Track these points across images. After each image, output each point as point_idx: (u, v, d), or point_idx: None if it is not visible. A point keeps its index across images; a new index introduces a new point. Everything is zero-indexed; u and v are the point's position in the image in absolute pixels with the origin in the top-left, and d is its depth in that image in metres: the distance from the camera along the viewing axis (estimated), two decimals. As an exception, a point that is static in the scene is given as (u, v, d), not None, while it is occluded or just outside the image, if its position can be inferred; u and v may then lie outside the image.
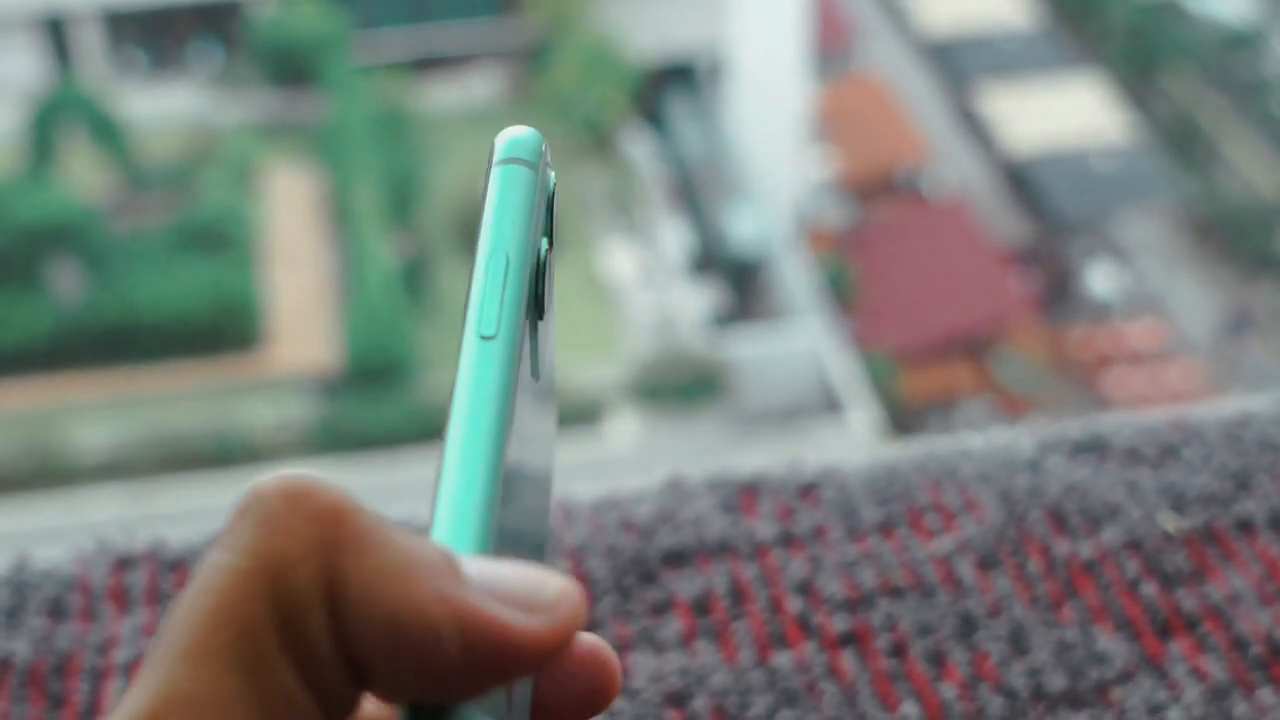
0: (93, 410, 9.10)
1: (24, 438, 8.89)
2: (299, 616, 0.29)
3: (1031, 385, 10.46)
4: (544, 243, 0.36)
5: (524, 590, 0.31)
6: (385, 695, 0.30)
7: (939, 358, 10.51)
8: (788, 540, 0.78)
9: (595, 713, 0.35)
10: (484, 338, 0.33)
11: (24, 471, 8.69)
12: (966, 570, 0.76)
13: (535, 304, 0.35)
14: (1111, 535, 0.77)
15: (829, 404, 9.44)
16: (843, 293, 10.70)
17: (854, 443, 8.73)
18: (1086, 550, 0.77)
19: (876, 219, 11.69)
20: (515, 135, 0.37)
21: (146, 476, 8.63)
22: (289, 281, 9.87)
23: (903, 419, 9.82)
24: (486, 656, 0.30)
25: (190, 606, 0.29)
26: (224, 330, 9.40)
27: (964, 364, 10.54)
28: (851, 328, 10.33)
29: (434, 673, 0.30)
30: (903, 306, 10.70)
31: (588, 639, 0.35)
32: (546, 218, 0.36)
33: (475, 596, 0.30)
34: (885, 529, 0.78)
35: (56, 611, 0.76)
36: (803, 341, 9.64)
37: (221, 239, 9.80)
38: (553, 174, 0.37)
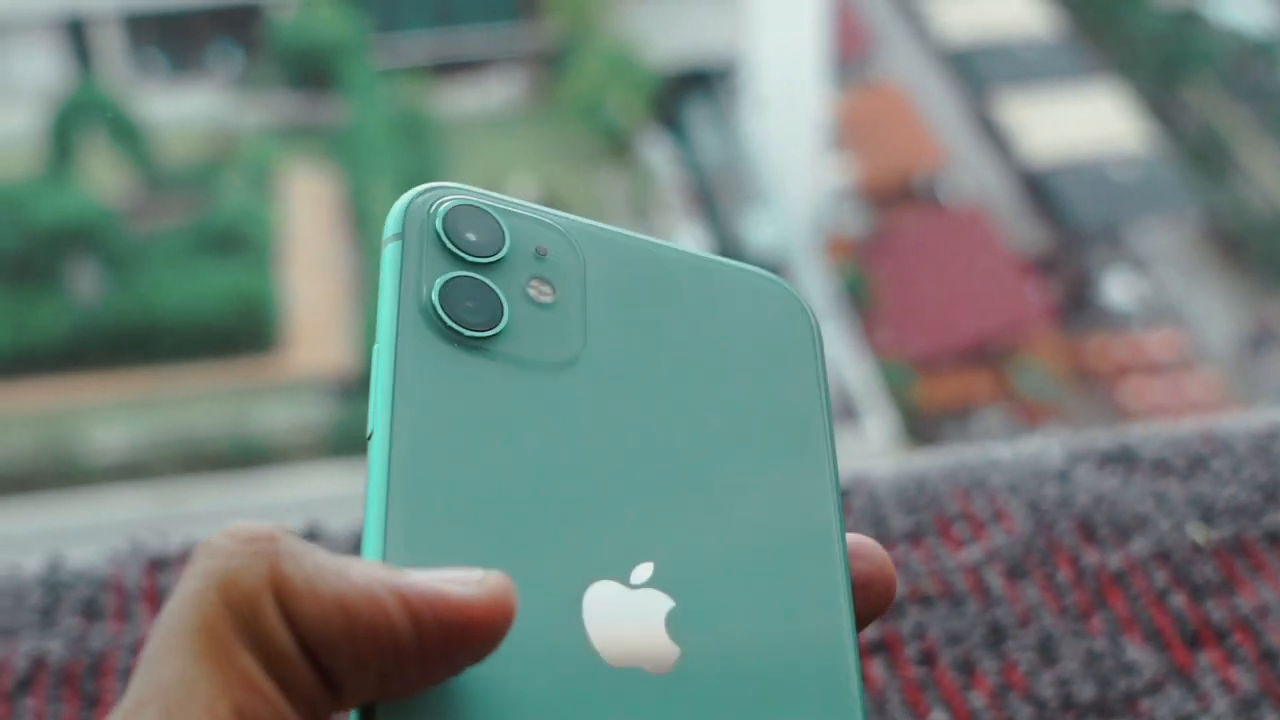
0: (110, 411, 9.12)
1: (41, 438, 8.91)
2: (251, 611, 0.33)
3: (1049, 394, 10.44)
4: (436, 283, 0.38)
5: (453, 573, 0.34)
6: (351, 696, 0.33)
7: (956, 366, 10.49)
8: (817, 548, 0.78)
9: (882, 609, 0.39)
10: (367, 438, 0.38)
11: (40, 471, 8.71)
12: (995, 580, 0.76)
13: (455, 330, 0.39)
14: (1140, 546, 0.77)
15: (845, 411, 9.43)
16: (860, 300, 10.69)
17: (871, 450, 8.71)
18: (1115, 561, 0.77)
19: (894, 226, 11.67)
20: (388, 215, 0.40)
21: (163, 477, 8.64)
22: (307, 284, 9.89)
23: (919, 427, 9.81)
24: (433, 625, 0.33)
25: (155, 628, 0.33)
26: (242, 332, 9.42)
27: (981, 372, 10.52)
28: (868, 335, 10.32)
29: (389, 652, 0.32)
30: (920, 314, 10.69)
31: (864, 539, 0.40)
32: (445, 247, 0.39)
33: (411, 575, 0.34)
34: (914, 538, 0.79)
35: (90, 612, 0.76)
36: (820, 348, 9.62)
37: (240, 241, 9.82)
38: (440, 209, 0.39)
